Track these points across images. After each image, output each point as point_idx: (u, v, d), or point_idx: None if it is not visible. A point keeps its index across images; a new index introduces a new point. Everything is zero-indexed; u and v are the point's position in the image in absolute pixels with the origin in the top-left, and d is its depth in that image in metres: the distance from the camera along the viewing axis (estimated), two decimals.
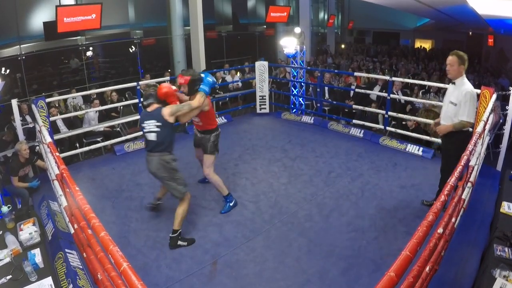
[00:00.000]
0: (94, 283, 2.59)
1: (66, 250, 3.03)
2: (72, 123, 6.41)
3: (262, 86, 7.48)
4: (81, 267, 2.92)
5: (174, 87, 3.44)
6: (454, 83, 3.49)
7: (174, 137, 3.42)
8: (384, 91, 6.43)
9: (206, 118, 3.80)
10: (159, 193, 3.94)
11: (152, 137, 3.27)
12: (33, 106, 4.84)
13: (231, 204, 3.98)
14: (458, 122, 3.41)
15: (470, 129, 3.60)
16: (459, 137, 3.46)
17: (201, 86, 3.49)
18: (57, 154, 3.16)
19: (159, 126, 3.25)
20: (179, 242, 3.36)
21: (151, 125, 3.26)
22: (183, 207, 3.37)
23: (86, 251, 2.48)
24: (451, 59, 3.40)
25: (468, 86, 3.40)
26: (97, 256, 2.06)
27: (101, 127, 6.33)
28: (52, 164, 3.38)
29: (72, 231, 2.94)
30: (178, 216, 3.34)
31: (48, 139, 3.68)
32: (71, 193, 2.47)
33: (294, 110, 7.67)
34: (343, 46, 19.10)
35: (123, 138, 5.99)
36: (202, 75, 3.55)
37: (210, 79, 3.54)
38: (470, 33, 17.27)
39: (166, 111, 3.24)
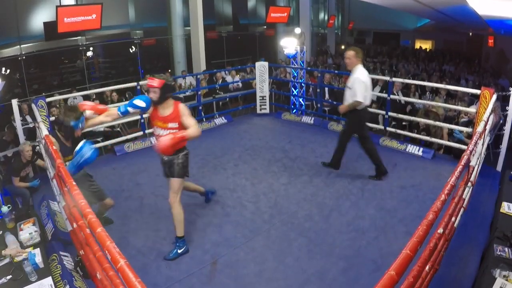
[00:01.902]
0: (92, 282, 2.58)
1: (61, 253, 3.02)
2: None
3: (263, 86, 7.48)
4: (76, 269, 2.92)
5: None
6: (351, 71, 4.34)
7: None
8: (384, 91, 6.43)
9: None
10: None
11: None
12: (33, 105, 4.85)
13: (179, 251, 3.23)
14: (351, 102, 4.31)
15: (364, 105, 4.37)
16: (353, 113, 4.43)
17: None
18: (54, 147, 3.01)
19: None
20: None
21: None
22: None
23: (85, 250, 2.48)
24: (349, 53, 4.28)
25: (358, 73, 4.26)
26: (95, 255, 2.05)
27: (101, 127, 6.33)
28: (49, 165, 3.34)
29: (70, 228, 2.93)
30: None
31: (45, 131, 3.57)
32: (68, 188, 2.44)
33: (294, 110, 7.67)
34: (343, 46, 19.10)
35: (123, 138, 5.99)
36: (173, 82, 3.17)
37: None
38: (470, 33, 17.28)
39: None
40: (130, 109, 3.09)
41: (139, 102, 3.08)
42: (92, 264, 2.30)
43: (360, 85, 4.23)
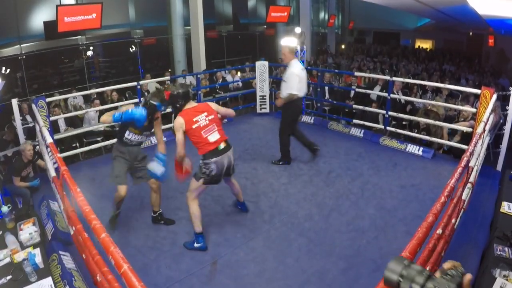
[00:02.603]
0: (93, 284, 2.59)
1: (60, 252, 3.03)
2: (72, 122, 6.42)
3: (263, 86, 7.47)
4: (76, 269, 2.92)
5: None
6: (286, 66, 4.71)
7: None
8: (384, 91, 6.43)
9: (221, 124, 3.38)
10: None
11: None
12: (33, 105, 4.84)
13: (195, 245, 3.31)
14: (286, 95, 4.68)
15: (298, 96, 4.75)
16: (289, 104, 4.76)
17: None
18: (58, 155, 3.14)
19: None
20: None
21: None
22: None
23: (85, 253, 2.48)
24: (284, 49, 4.73)
25: (292, 68, 4.66)
26: (93, 259, 2.06)
27: (101, 126, 6.33)
28: (49, 165, 3.37)
29: (72, 231, 2.95)
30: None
31: (49, 139, 3.67)
32: (72, 195, 2.46)
33: None
34: (343, 46, 19.09)
35: None
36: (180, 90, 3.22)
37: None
38: (471, 33, 17.27)
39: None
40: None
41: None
42: (92, 267, 2.30)
43: (294, 78, 4.61)
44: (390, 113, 5.84)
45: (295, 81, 4.62)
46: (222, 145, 3.19)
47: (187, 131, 3.11)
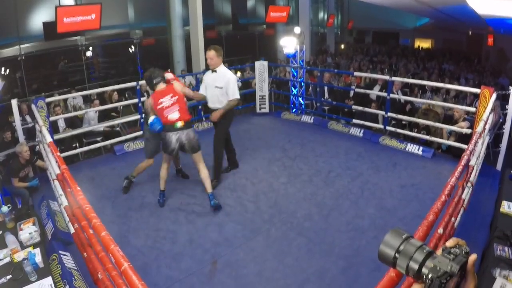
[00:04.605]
0: (93, 283, 2.59)
1: (60, 252, 3.03)
2: (72, 123, 6.41)
3: (262, 86, 7.47)
4: (76, 268, 2.92)
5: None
6: (215, 71, 4.24)
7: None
8: (384, 90, 6.43)
9: (184, 104, 3.89)
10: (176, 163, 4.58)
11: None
12: (32, 106, 4.84)
13: (159, 198, 4.10)
14: (227, 103, 4.23)
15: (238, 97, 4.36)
16: (228, 113, 4.32)
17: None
18: (58, 154, 3.16)
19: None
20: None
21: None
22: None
23: (87, 251, 2.48)
24: (211, 53, 4.13)
25: (228, 72, 4.27)
26: (98, 256, 2.06)
27: (101, 127, 6.33)
28: (53, 163, 3.38)
29: (72, 230, 2.95)
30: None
31: (49, 139, 3.68)
32: (72, 193, 2.47)
33: (294, 109, 7.66)
34: (342, 46, 19.09)
35: (123, 138, 5.98)
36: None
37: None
38: (470, 32, 17.27)
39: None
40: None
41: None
42: (94, 264, 2.30)
43: (235, 83, 4.28)
44: (389, 114, 5.84)
45: (236, 86, 4.27)
46: (179, 124, 3.76)
47: (154, 109, 3.77)
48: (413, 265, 0.76)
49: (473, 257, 0.77)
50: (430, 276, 0.72)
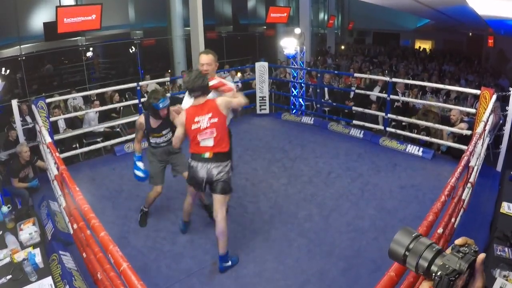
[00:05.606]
0: (93, 283, 2.59)
1: (60, 252, 3.03)
2: (72, 123, 6.42)
3: (262, 86, 7.47)
4: (76, 268, 2.92)
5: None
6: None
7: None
8: (384, 91, 6.43)
9: (224, 131, 2.99)
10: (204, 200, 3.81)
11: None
12: (33, 106, 4.84)
13: (181, 226, 3.60)
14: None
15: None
16: None
17: None
18: (57, 154, 3.16)
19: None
20: None
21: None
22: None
23: (86, 251, 2.48)
24: (209, 57, 3.33)
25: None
26: (96, 256, 2.06)
27: (101, 127, 6.33)
28: (52, 164, 3.39)
29: (72, 231, 2.95)
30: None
31: (48, 139, 3.68)
32: (71, 193, 2.47)
33: (294, 110, 7.67)
34: (343, 47, 19.09)
35: (123, 138, 5.98)
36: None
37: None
38: (470, 33, 17.28)
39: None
40: None
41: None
42: (93, 265, 2.30)
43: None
44: (389, 115, 5.84)
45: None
46: (207, 155, 2.92)
47: (186, 128, 2.92)
48: (422, 263, 0.79)
49: (481, 256, 0.78)
50: (439, 273, 0.75)
